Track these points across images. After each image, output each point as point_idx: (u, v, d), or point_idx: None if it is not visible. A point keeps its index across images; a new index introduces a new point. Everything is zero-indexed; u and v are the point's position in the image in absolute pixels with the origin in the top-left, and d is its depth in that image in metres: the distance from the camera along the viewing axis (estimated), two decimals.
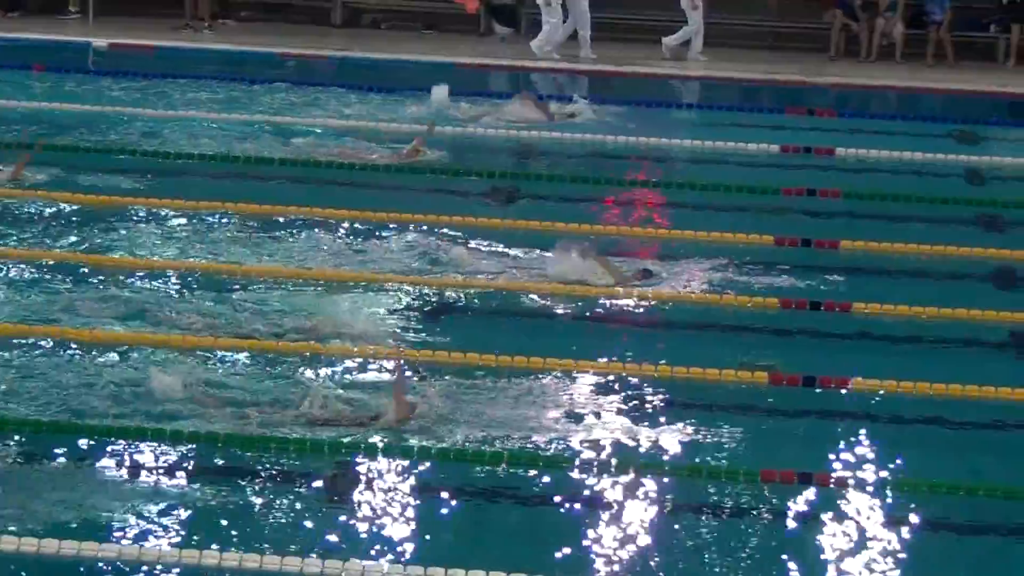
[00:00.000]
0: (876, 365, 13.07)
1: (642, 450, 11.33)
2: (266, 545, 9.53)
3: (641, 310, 14.42)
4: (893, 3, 29.10)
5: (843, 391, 12.63)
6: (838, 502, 10.73)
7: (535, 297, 14.47)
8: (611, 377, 12.62)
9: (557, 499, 10.64)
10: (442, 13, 30.50)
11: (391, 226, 16.30)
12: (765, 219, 17.54)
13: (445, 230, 16.21)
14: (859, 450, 11.62)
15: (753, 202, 18.53)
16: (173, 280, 14.54)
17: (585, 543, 10.05)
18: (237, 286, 14.37)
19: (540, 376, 12.51)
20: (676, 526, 10.46)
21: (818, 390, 12.63)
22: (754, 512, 10.61)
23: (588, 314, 14.28)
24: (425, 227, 16.26)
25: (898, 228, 17.08)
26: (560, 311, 14.30)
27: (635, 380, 12.61)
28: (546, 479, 10.84)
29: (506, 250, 15.68)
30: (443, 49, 28.23)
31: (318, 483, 10.58)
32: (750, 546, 10.13)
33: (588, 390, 12.39)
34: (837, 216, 18.18)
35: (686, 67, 27.76)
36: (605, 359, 13.00)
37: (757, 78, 26.88)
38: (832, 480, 10.98)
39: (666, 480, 10.94)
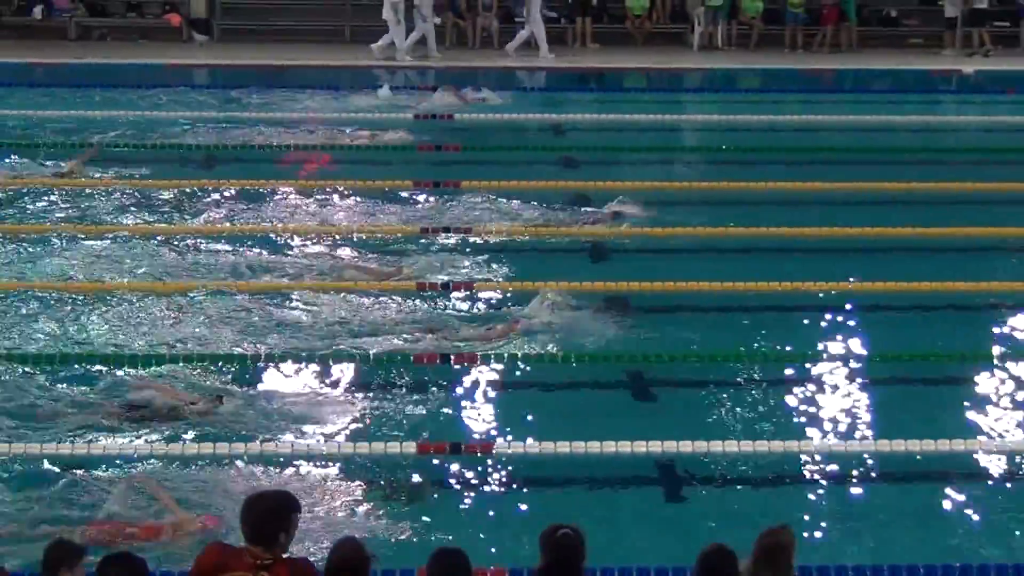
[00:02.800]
0: (489, 270, 13.25)
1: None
2: None
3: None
4: (489, 4, 29.27)
5: (469, 291, 12.72)
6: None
7: None
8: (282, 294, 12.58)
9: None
10: (153, 26, 29.72)
11: None
12: (405, 168, 17.52)
13: None
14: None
15: (397, 156, 18.49)
16: None
17: None
18: None
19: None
20: None
21: (429, 292, 12.66)
22: None
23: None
24: None
25: (503, 169, 17.17)
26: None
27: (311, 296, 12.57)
28: None
29: None
30: (155, 54, 27.47)
31: None
32: None
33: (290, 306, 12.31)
34: (458, 164, 18.20)
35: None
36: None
37: (400, 65, 26.71)
38: None
39: None
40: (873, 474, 9.44)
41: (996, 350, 11.57)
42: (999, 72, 26.78)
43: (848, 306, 12.63)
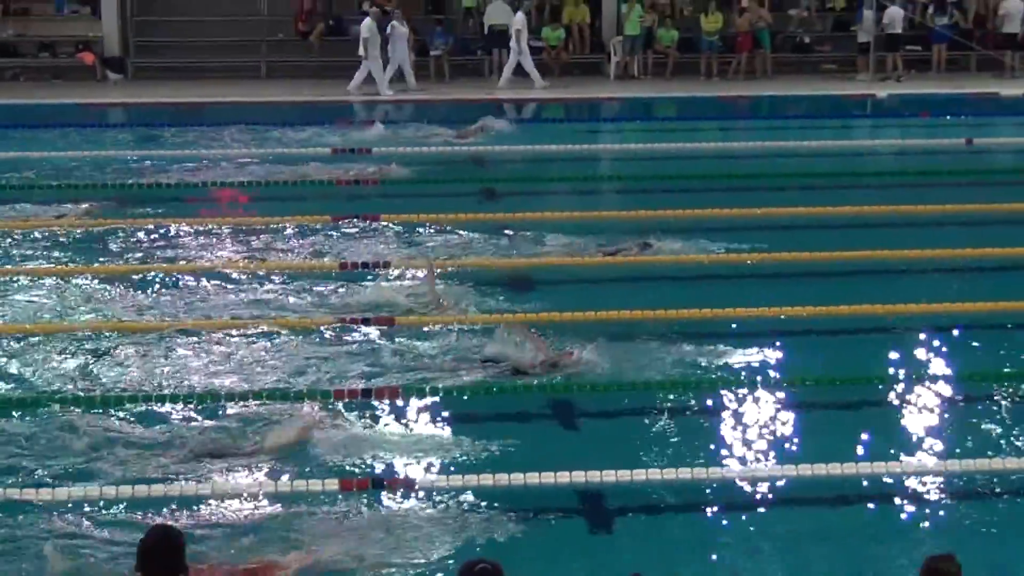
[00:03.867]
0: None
1: None
2: None
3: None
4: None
5: (425, 325, 12.61)
6: None
7: None
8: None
9: None
10: (66, 65, 29.44)
11: None
12: (325, 203, 17.39)
13: None
14: None
15: (315, 191, 18.37)
16: None
17: None
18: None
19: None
20: None
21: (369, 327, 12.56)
22: None
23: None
24: None
25: (424, 202, 17.11)
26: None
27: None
28: None
29: None
30: (69, 94, 27.23)
31: None
32: None
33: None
34: (377, 197, 18.09)
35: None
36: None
37: (307, 100, 26.64)
38: None
39: None
40: (801, 498, 9.42)
41: (918, 373, 11.60)
42: (912, 95, 27.17)
43: (769, 330, 12.63)
